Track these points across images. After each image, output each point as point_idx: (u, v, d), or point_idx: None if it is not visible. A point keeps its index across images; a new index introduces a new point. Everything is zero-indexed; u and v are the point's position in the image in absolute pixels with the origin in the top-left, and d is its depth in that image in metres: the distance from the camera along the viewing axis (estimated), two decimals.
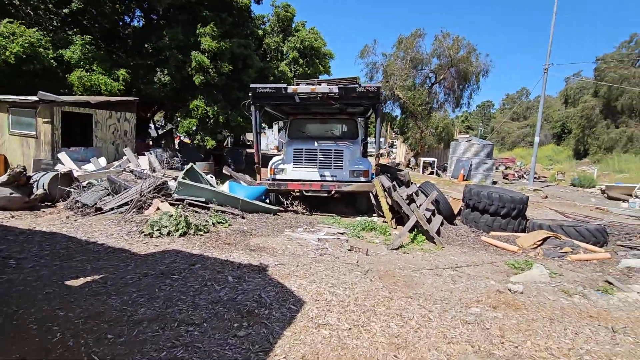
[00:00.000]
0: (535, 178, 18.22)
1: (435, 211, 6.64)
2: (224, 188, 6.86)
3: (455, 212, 7.39)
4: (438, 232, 6.04)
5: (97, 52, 10.29)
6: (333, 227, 6.08)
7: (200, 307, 2.92)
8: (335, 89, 5.86)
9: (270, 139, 33.38)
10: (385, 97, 22.42)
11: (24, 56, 8.68)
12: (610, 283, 4.24)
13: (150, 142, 14.91)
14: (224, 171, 7.62)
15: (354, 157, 7.28)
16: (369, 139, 6.78)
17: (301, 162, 7.10)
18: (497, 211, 6.37)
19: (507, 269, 4.68)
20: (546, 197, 13.15)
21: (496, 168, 27.35)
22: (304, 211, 7.37)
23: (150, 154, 8.04)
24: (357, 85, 6.16)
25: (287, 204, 7.26)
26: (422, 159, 20.55)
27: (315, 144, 7.26)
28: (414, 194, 6.43)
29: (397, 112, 24.43)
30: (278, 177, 7.18)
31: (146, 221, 5.01)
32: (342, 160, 7.01)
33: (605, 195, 14.24)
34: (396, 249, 5.20)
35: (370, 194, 6.60)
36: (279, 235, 5.30)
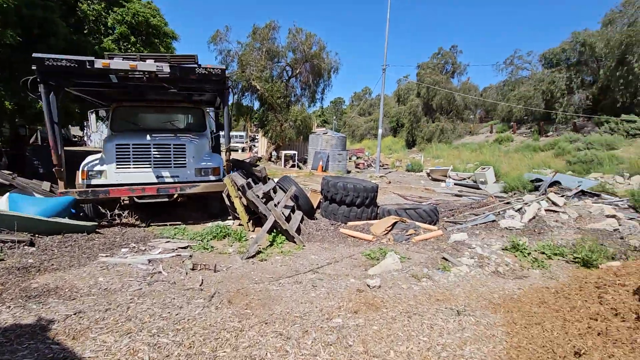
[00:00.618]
0: (380, 166, 20.73)
1: (295, 207, 6.26)
2: (1, 204, 4.69)
3: (315, 205, 7.23)
4: (298, 230, 5.65)
5: None
6: (174, 240, 4.90)
7: None
8: (165, 68, 4.63)
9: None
10: (243, 87, 21.48)
11: None
12: (446, 259, 4.64)
13: None
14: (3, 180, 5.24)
15: (201, 152, 6.17)
16: (225, 131, 5.76)
17: (128, 162, 5.53)
18: (352, 201, 6.44)
19: (364, 260, 4.60)
20: (390, 182, 14.93)
21: (349, 158, 30.23)
22: (137, 223, 5.86)
23: None
24: (195, 65, 5.08)
25: (111, 215, 5.59)
26: (284, 152, 20.61)
27: (148, 137, 5.79)
28: (271, 191, 5.85)
29: (257, 104, 23.86)
30: (95, 182, 5.42)
31: None
32: (184, 157, 5.80)
33: (430, 177, 17.27)
34: (252, 256, 4.49)
35: (223, 195, 5.69)
36: (88, 264, 3.82)
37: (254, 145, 32.50)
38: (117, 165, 5.48)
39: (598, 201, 8.86)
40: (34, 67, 4.50)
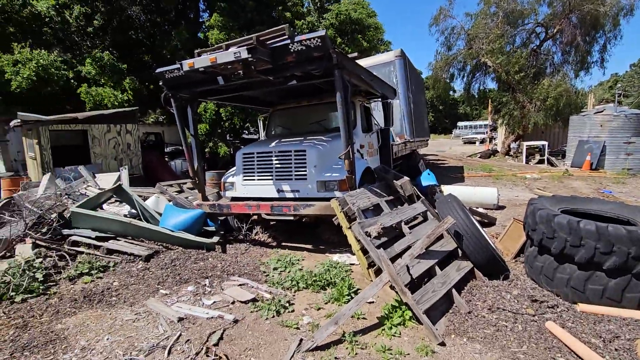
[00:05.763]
0: None
1: (458, 253, 3.57)
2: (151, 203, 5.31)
3: (516, 251, 4.04)
4: (448, 302, 3.06)
5: (115, 64, 9.91)
6: (252, 283, 3.70)
7: None
8: (243, 53, 3.48)
9: None
10: (472, 69, 17.76)
11: (37, 79, 8.81)
12: None
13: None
14: (157, 190, 5.94)
15: (331, 159, 4.66)
16: (342, 129, 3.80)
17: (252, 173, 4.89)
18: (592, 259, 2.94)
19: None
20: None
21: None
22: (269, 241, 5.18)
23: (79, 169, 6.73)
24: (287, 41, 3.62)
25: (245, 230, 5.16)
26: (526, 143, 15.33)
27: (273, 144, 4.96)
28: (402, 224, 3.50)
29: (492, 85, 19.28)
30: (228, 194, 5.17)
31: None
32: (304, 167, 4.51)
33: None
34: (315, 349, 2.57)
35: (334, 223, 3.96)
36: (135, 304, 3.26)
37: (494, 137, 26.95)
38: (244, 177, 4.96)
39: None
40: (160, 83, 4.58)
